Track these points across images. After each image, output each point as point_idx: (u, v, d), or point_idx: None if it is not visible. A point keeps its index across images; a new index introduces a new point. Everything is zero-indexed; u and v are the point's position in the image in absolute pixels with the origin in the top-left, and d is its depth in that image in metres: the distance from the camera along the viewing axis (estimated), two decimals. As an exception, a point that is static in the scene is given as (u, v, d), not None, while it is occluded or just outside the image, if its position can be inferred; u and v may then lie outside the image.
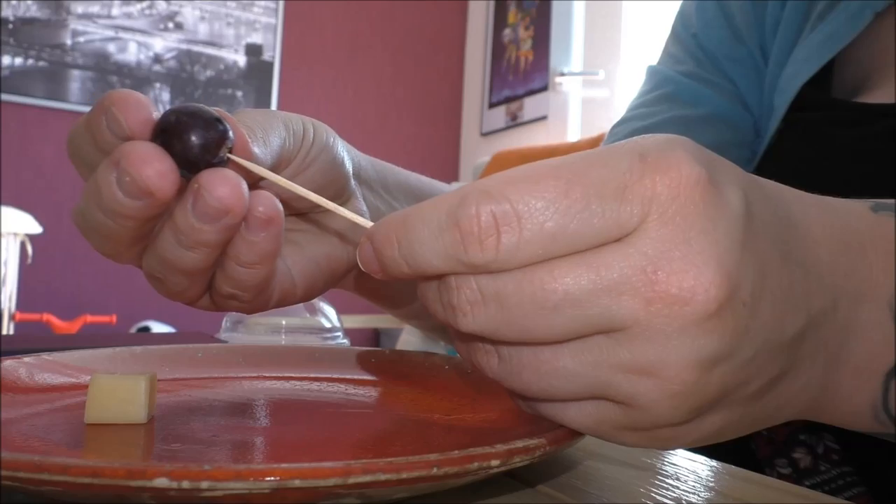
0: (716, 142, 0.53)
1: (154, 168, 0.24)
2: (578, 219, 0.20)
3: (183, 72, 2.83)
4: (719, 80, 0.56)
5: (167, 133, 0.25)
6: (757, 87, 0.55)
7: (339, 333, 0.61)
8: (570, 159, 0.21)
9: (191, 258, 0.27)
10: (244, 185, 0.26)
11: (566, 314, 0.20)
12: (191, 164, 0.25)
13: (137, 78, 2.75)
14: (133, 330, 2.48)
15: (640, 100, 0.59)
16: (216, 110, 0.27)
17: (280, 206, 0.28)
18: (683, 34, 0.58)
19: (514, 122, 2.93)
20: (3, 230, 2.12)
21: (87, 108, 2.62)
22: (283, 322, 0.60)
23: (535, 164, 0.21)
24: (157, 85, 2.79)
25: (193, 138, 0.25)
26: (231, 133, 0.26)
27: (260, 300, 0.31)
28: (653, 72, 0.59)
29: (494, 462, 0.20)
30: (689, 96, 0.55)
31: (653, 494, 0.25)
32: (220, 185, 0.25)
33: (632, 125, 0.57)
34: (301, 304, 0.62)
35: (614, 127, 0.59)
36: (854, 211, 0.26)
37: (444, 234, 0.21)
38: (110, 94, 0.26)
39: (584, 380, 0.21)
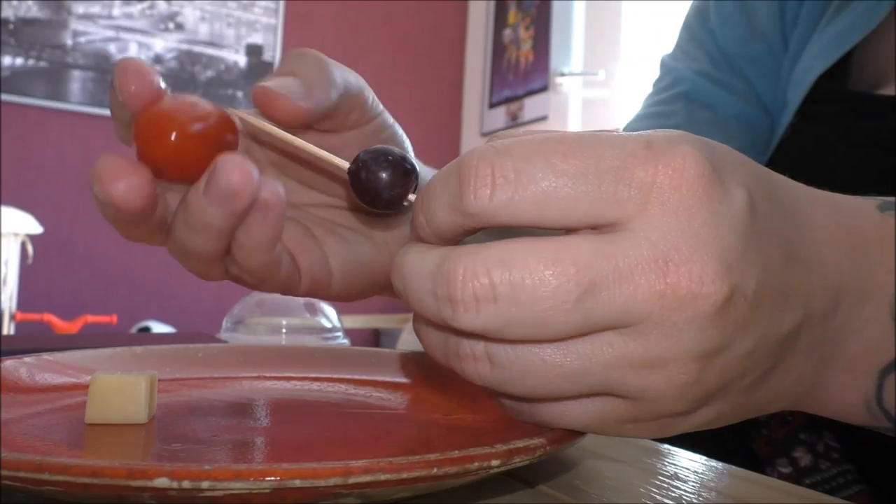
0: (731, 145, 0.53)
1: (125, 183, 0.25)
2: (573, 184, 0.20)
3: (183, 72, 2.83)
4: (735, 82, 0.56)
5: (362, 176, 0.26)
6: (774, 85, 0.55)
7: (339, 333, 0.61)
8: (581, 133, 0.21)
9: (199, 241, 0.28)
10: (256, 174, 0.26)
11: (585, 309, 0.20)
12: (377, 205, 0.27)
13: (138, 78, 2.75)
14: (133, 330, 2.48)
15: (655, 97, 0.59)
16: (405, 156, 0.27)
17: (283, 194, 0.28)
18: (699, 31, 0.58)
19: (515, 122, 2.93)
20: (3, 230, 2.12)
21: (87, 109, 2.64)
22: (284, 322, 0.60)
23: (548, 132, 0.21)
24: (158, 85, 2.79)
25: (384, 189, 0.26)
26: (417, 180, 0.27)
27: (276, 286, 0.32)
28: (668, 68, 0.59)
29: (494, 462, 0.20)
30: (705, 97, 0.56)
31: (653, 494, 0.25)
32: (233, 171, 0.26)
33: (647, 123, 0.57)
34: (301, 304, 0.62)
35: (630, 123, 0.59)
36: (860, 210, 0.26)
37: (448, 182, 0.21)
38: (117, 63, 0.27)
39: (594, 378, 0.21)
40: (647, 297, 0.20)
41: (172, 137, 0.26)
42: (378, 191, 0.26)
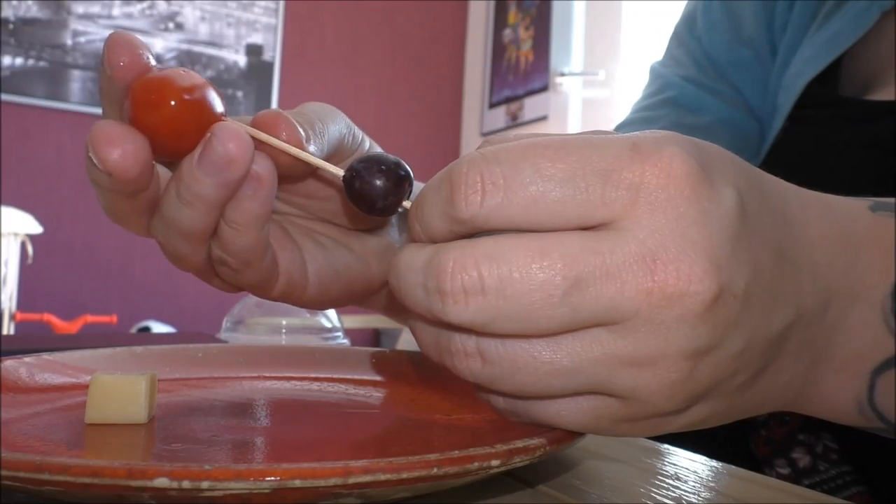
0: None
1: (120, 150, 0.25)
2: (560, 189, 0.20)
3: (183, 72, 2.83)
4: (722, 87, 0.56)
5: (357, 181, 0.26)
6: (762, 90, 0.55)
7: (339, 333, 0.62)
8: (568, 136, 0.21)
9: (188, 216, 0.27)
10: (251, 144, 0.26)
11: (573, 303, 0.20)
12: (372, 210, 0.27)
13: (138, 78, 2.75)
14: (133, 330, 2.48)
15: (643, 102, 0.59)
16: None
17: (274, 168, 0.28)
18: (687, 37, 0.58)
19: (515, 122, 2.93)
20: (3, 230, 2.12)
21: (87, 108, 2.64)
22: (283, 322, 0.60)
23: (536, 137, 0.21)
24: (158, 85, 2.79)
25: (379, 198, 0.26)
26: (411, 186, 0.27)
27: (256, 277, 0.31)
28: (656, 74, 0.59)
29: (494, 462, 0.20)
30: (692, 102, 0.56)
31: (653, 494, 0.26)
32: (230, 139, 0.26)
33: (634, 128, 0.57)
34: (301, 305, 0.62)
35: (617, 128, 0.59)
36: (852, 210, 0.26)
37: (440, 190, 0.21)
38: (109, 36, 0.27)
39: (584, 376, 0.21)
40: (635, 294, 0.20)
41: (172, 103, 0.26)
42: (373, 199, 0.26)
